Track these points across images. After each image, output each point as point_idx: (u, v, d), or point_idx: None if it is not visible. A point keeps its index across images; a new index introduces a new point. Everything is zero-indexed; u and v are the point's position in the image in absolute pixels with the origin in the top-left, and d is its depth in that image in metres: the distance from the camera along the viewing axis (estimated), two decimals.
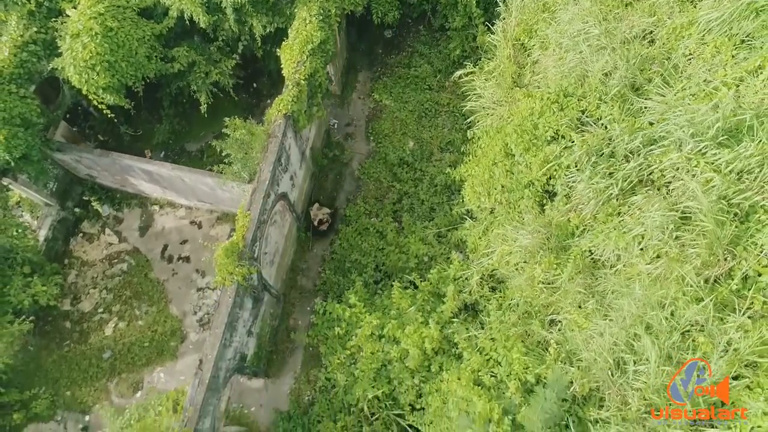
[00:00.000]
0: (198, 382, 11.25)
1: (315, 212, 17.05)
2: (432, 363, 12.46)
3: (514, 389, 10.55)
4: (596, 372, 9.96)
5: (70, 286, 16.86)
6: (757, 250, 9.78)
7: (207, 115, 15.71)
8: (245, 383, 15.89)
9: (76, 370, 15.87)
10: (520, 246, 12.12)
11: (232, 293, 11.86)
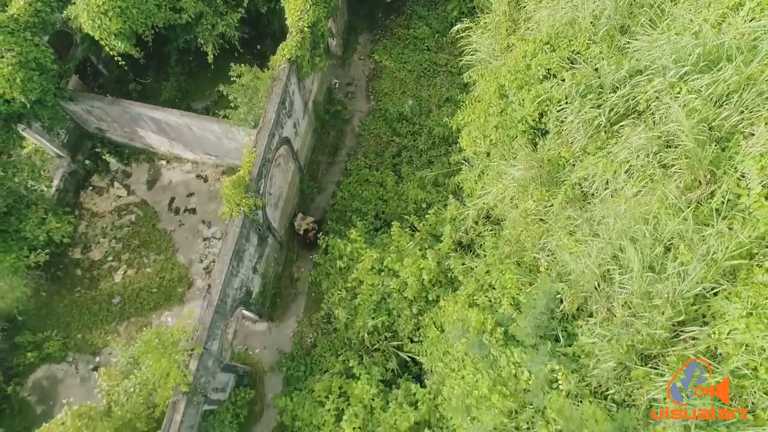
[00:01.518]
0: (207, 304, 11.83)
1: (299, 222, 16.70)
2: (429, 293, 13.04)
3: (506, 305, 11.13)
4: (584, 284, 10.53)
5: (80, 236, 17.45)
6: (737, 174, 10.37)
7: (212, 74, 16.30)
8: (250, 327, 16.49)
9: (87, 314, 16.46)
10: (514, 179, 12.69)
11: (238, 223, 12.43)
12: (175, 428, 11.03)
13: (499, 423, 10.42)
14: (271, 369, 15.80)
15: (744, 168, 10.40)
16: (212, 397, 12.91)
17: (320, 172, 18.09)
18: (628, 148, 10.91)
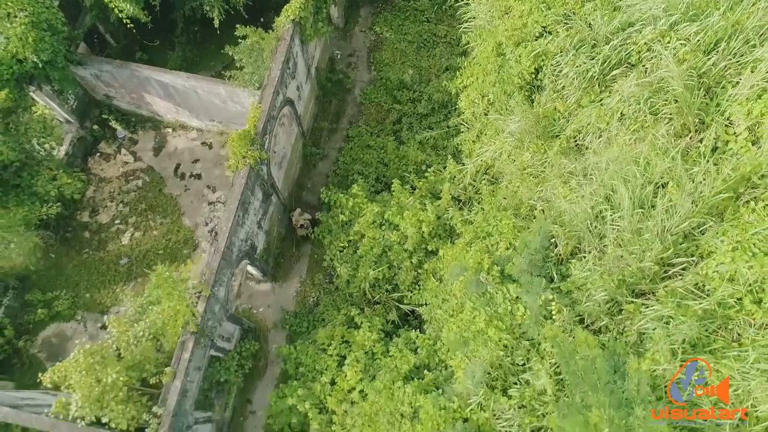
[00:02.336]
0: (214, 250, 12.25)
1: (297, 218, 16.81)
2: (429, 244, 13.47)
3: (503, 249, 11.56)
4: (577, 224, 10.94)
5: (88, 200, 17.89)
6: (725, 122, 10.80)
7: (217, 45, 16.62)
8: (254, 287, 16.92)
9: (95, 274, 16.89)
10: (511, 134, 13.11)
11: (244, 175, 12.85)
12: (184, 366, 11.44)
13: (495, 357, 10.85)
14: (275, 326, 16.24)
15: (731, 115, 10.84)
16: (218, 344, 13.34)
17: (323, 139, 18.52)
18: (620, 95, 11.33)
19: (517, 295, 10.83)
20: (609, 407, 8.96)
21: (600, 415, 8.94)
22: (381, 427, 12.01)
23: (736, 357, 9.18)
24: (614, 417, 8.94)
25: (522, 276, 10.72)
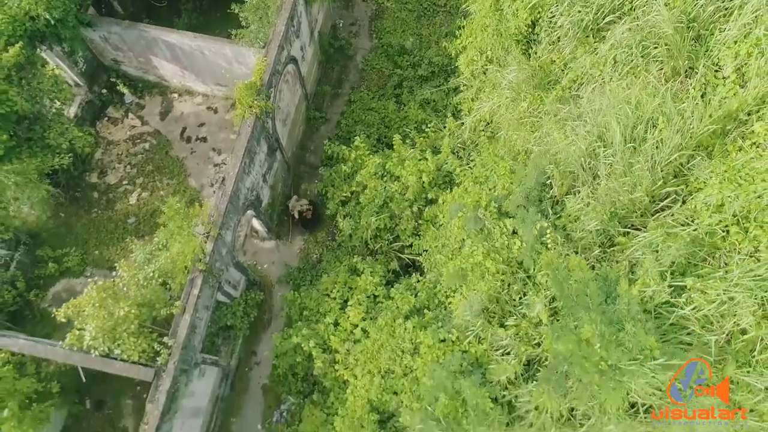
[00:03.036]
0: (221, 193, 12.70)
1: (293, 204, 16.90)
2: (428, 193, 13.90)
3: (500, 189, 12.00)
4: (572, 162, 11.37)
5: (97, 162, 18.34)
6: (714, 67, 11.24)
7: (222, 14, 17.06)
8: (258, 244, 17.38)
9: (104, 232, 17.34)
10: (508, 84, 13.54)
11: (250, 124, 13.29)
12: (192, 301, 11.89)
13: (493, 290, 11.29)
14: (279, 281, 16.68)
15: (720, 60, 11.30)
16: (225, 289, 13.78)
17: (325, 103, 18.96)
18: (612, 40, 11.77)
19: (513, 230, 11.28)
20: (600, 324, 9.39)
21: (592, 331, 9.37)
22: (382, 363, 12.46)
23: (721, 278, 9.63)
24: (605, 332, 9.37)
25: (518, 211, 11.15)
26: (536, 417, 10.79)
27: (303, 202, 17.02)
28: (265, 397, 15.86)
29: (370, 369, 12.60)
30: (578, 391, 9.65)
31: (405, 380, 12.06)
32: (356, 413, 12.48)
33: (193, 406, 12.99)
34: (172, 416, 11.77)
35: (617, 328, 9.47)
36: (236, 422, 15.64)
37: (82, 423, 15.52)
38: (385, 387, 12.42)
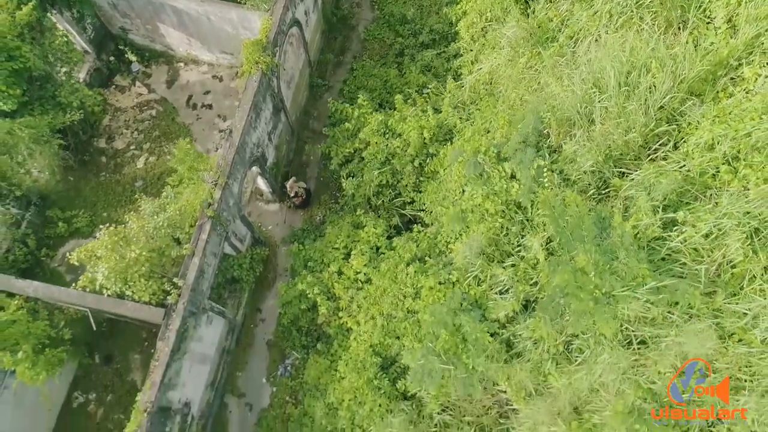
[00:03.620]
0: (229, 144, 13.09)
1: (291, 185, 17.07)
2: (429, 148, 14.28)
3: (499, 137, 12.39)
4: (568, 108, 11.75)
5: (105, 128, 18.74)
6: (706, 20, 11.64)
7: None
8: (263, 207, 17.78)
9: (112, 194, 17.74)
10: (507, 40, 13.93)
11: (257, 79, 13.68)
12: (201, 246, 12.28)
13: (492, 232, 11.68)
14: (283, 242, 17.08)
15: (711, 12, 11.71)
16: (232, 241, 14.17)
17: (328, 72, 19.35)
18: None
19: (512, 173, 11.67)
20: (594, 253, 9.78)
21: (586, 260, 9.77)
22: (385, 308, 12.86)
23: (711, 210, 10.03)
24: (599, 261, 9.77)
25: (516, 153, 11.53)
26: (533, 351, 11.20)
27: (301, 183, 17.35)
28: (269, 352, 16.27)
29: (373, 314, 13.00)
30: (574, 320, 10.03)
31: (407, 323, 12.45)
32: (359, 356, 12.88)
33: (201, 352, 13.39)
34: (181, 356, 12.17)
35: (611, 257, 9.87)
36: (242, 376, 16.05)
37: (91, 376, 15.93)
38: (388, 331, 12.82)
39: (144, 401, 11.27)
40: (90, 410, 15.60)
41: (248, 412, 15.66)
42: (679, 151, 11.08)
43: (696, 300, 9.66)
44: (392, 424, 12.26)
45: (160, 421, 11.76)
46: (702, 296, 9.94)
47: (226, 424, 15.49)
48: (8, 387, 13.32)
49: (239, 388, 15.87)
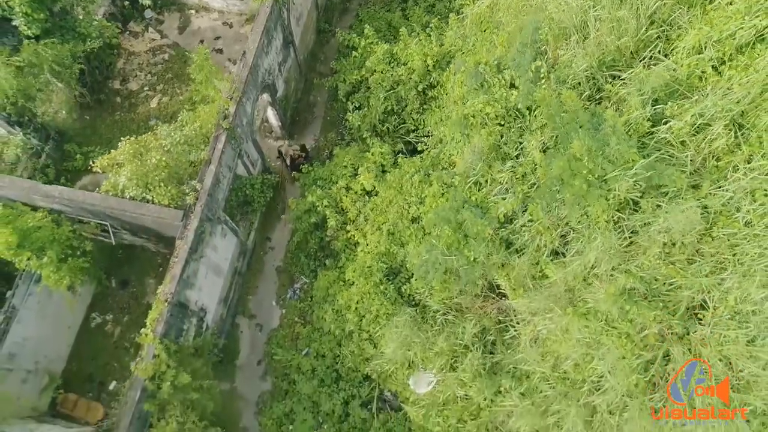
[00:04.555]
0: (242, 64, 13.79)
1: (286, 148, 17.68)
2: (432, 74, 14.97)
3: (499, 52, 13.07)
4: (565, 20, 12.42)
5: (119, 71, 19.44)
6: None
7: None
8: (272, 144, 18.47)
9: (126, 132, 18.26)
10: None
11: (269, 6, 14.37)
12: (217, 155, 12.99)
13: (492, 136, 12.38)
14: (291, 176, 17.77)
15: None
16: (245, 161, 14.87)
17: (334, 18, 20.06)
18: None
19: (511, 82, 12.36)
20: (588, 140, 10.47)
21: (580, 145, 10.46)
22: (391, 217, 13.56)
23: (698, 101, 10.73)
24: (592, 147, 10.47)
25: (515, 59, 12.20)
26: (531, 245, 11.90)
27: (295, 147, 17.89)
28: (279, 277, 16.99)
29: (379, 224, 13.69)
30: (568, 205, 10.72)
31: (412, 229, 13.15)
32: (366, 264, 13.57)
33: (216, 263, 14.09)
34: (198, 258, 12.89)
35: (603, 143, 10.56)
36: (252, 299, 16.77)
37: (108, 299, 16.64)
38: (393, 239, 13.52)
39: (165, 292, 11.98)
40: (107, 330, 16.32)
41: (258, 332, 16.38)
42: (668, 59, 11.73)
43: (682, 183, 10.35)
44: (398, 324, 12.97)
45: (178, 316, 12.48)
46: (688, 187, 10.67)
47: (237, 343, 16.21)
48: (33, 294, 14.03)
49: (250, 310, 16.60)
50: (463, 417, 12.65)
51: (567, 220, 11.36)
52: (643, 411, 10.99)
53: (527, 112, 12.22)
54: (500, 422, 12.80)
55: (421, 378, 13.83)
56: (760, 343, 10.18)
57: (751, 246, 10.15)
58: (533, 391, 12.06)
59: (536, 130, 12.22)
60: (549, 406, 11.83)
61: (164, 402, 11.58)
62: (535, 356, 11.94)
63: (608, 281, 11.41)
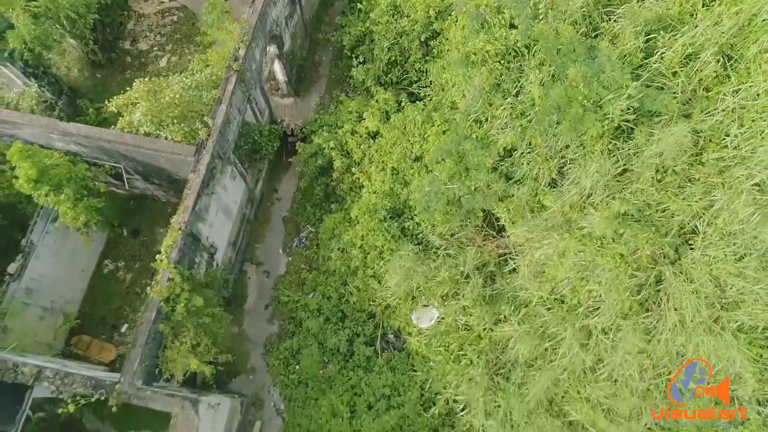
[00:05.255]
0: (252, 11, 14.31)
1: (288, 123, 17.96)
2: (434, 24, 15.47)
3: None
4: None
5: (129, 32, 19.97)
6: None
7: None
8: (278, 101, 18.99)
9: None
10: None
11: None
12: (228, 95, 13.50)
13: (493, 74, 12.89)
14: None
15: None
16: (253, 107, 15.38)
17: None
18: None
19: (510, 22, 12.87)
20: (583, 66, 10.98)
21: (576, 72, 10.97)
22: (395, 157, 14.08)
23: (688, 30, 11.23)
24: (588, 74, 10.98)
25: None
26: (529, 176, 12.42)
27: (297, 123, 18.10)
28: (285, 227, 17.52)
29: (384, 165, 14.21)
30: (565, 130, 11.22)
31: (414, 167, 13.68)
32: (371, 202, 14.10)
33: (226, 203, 14.61)
34: (209, 194, 13.41)
35: (598, 71, 11.07)
36: (260, 247, 17.30)
37: (120, 247, 17.18)
38: (397, 179, 14.04)
39: (178, 221, 12.50)
40: (119, 276, 16.86)
41: (266, 278, 16.91)
42: None
43: (674, 108, 10.87)
44: (401, 257, 13.49)
45: (191, 247, 13.00)
46: (680, 116, 11.19)
47: (246, 288, 16.74)
48: (50, 232, 14.56)
49: (258, 258, 17.13)
50: (464, 344, 13.17)
51: (563, 152, 11.89)
52: (636, 330, 11.53)
53: (526, 51, 12.73)
54: (500, 351, 13.33)
55: (423, 313, 14.37)
56: (747, 261, 10.71)
57: (739, 168, 10.68)
58: (531, 316, 12.58)
59: (535, 68, 12.73)
60: (546, 329, 12.36)
61: (178, 325, 12.10)
62: (533, 283, 12.47)
63: (603, 208, 11.91)
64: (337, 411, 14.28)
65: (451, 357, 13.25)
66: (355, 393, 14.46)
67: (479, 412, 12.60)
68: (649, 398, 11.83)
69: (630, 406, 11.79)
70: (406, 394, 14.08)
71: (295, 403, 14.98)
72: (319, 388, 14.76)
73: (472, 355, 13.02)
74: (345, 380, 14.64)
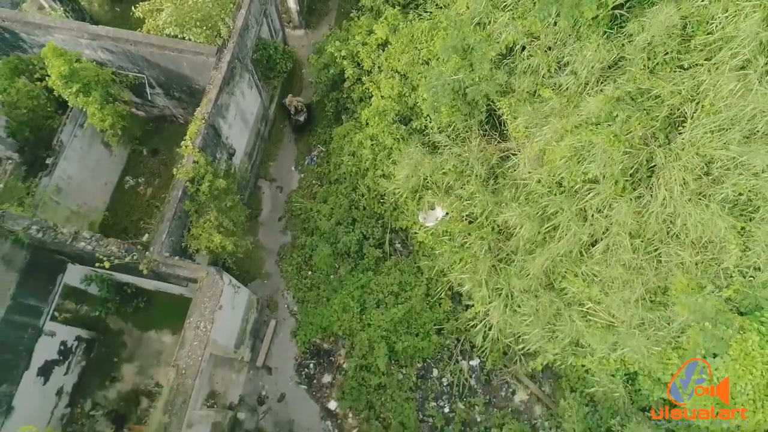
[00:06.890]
0: None
1: (290, 99, 17.84)
2: None
3: None
4: None
5: None
6: None
7: None
8: (290, 33, 19.87)
9: None
10: None
11: None
12: (247, 2, 14.36)
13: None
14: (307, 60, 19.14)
15: None
16: (269, 24, 16.25)
17: None
18: None
19: None
20: None
21: None
22: (404, 61, 14.94)
23: None
24: None
25: None
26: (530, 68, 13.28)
27: (299, 98, 18.52)
28: (297, 147, 18.40)
29: (393, 71, 15.07)
30: (563, 17, 12.08)
31: (422, 70, 14.54)
32: (380, 107, 14.97)
33: (243, 110, 15.47)
34: (230, 93, 14.28)
35: None
36: (273, 165, 18.18)
37: (140, 165, 18.04)
38: (405, 83, 14.92)
39: (202, 112, 13.37)
40: (140, 190, 17.73)
41: (279, 193, 17.79)
42: None
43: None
44: (410, 153, 14.37)
45: (213, 139, 13.87)
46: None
47: (260, 202, 17.62)
48: (78, 136, 15.41)
49: (271, 174, 18.01)
50: (468, 233, 14.02)
51: (563, 40, 12.76)
52: (629, 205, 12.40)
53: None
54: (503, 240, 14.18)
55: (430, 214, 15.24)
56: (731, 133, 11.59)
57: (724, 51, 11.56)
58: (532, 201, 13.43)
59: None
60: (546, 211, 13.22)
61: (202, 206, 12.97)
62: (533, 166, 13.33)
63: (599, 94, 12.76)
64: (347, 307, 15.12)
65: (455, 246, 14.11)
66: (365, 291, 15.32)
67: (482, 289, 13.47)
68: (641, 274, 12.73)
69: (623, 279, 12.66)
70: (413, 290, 14.94)
71: (307, 304, 15.83)
72: (331, 289, 15.62)
73: (475, 240, 13.88)
74: (355, 280, 15.50)
